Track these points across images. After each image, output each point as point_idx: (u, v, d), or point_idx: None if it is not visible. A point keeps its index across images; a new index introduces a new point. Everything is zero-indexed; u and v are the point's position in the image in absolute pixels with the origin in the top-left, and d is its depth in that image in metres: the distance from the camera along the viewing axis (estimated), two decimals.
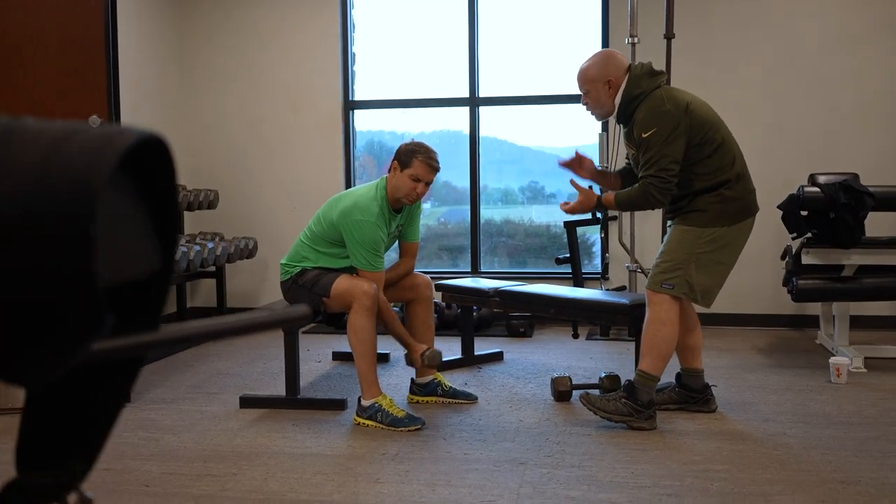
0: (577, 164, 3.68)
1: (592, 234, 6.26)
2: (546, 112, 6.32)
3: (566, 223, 5.78)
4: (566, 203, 3.62)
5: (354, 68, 6.44)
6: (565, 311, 4.08)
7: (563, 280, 5.95)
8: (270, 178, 6.38)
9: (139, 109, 5.81)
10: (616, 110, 3.49)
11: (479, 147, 6.25)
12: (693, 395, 3.70)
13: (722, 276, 3.51)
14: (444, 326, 5.70)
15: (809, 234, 4.54)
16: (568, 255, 5.75)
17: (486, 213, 6.43)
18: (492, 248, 6.50)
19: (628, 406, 3.44)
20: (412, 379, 3.99)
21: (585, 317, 4.03)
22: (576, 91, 3.59)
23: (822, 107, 5.69)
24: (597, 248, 6.34)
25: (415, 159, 3.61)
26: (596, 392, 3.84)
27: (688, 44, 5.67)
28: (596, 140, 5.71)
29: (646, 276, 5.55)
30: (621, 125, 3.59)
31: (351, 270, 3.70)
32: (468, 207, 6.30)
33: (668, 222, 3.62)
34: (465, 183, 6.32)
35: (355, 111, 6.44)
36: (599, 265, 6.08)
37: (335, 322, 3.92)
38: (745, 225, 3.49)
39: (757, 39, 5.75)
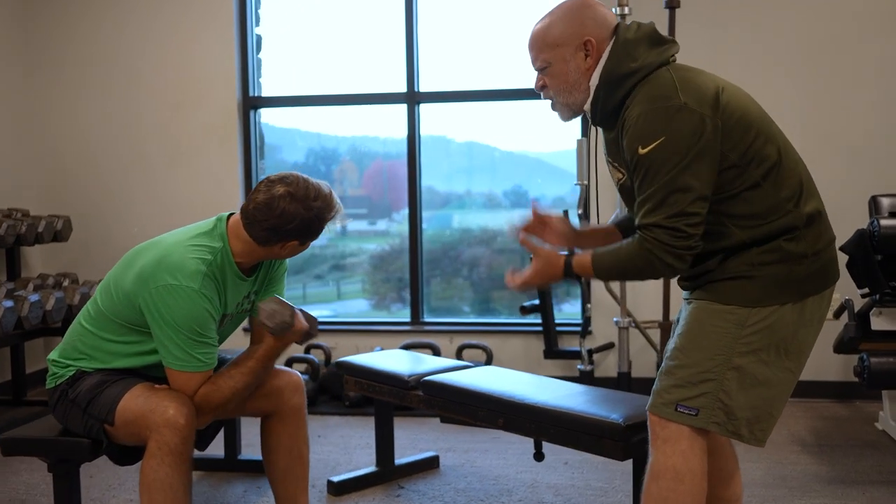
0: (538, 225, 2.20)
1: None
2: (509, 110, 4.85)
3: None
4: (514, 273, 2.12)
5: (259, 56, 4.93)
6: (519, 426, 2.57)
7: (532, 335, 4.48)
8: (142, 198, 4.84)
9: None
10: (591, 99, 2.00)
11: (419, 152, 4.75)
12: None
13: (784, 390, 2.00)
14: (355, 403, 4.20)
15: (888, 290, 3.07)
16: (536, 303, 4.28)
17: (467, 219, 5.11)
18: (465, 262, 5.04)
19: None
20: None
21: (550, 437, 2.52)
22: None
23: (874, 103, 4.22)
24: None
25: (327, 225, 2.26)
26: None
27: (694, 18, 4.19)
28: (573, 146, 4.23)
29: (641, 332, 4.10)
30: (600, 128, 2.09)
31: (157, 375, 2.20)
32: (451, 213, 5.11)
33: (685, 295, 2.11)
34: (446, 187, 5.19)
35: (260, 110, 4.92)
36: (578, 314, 4.60)
37: (130, 459, 2.36)
38: (821, 299, 2.00)
39: (786, 14, 4.27)
